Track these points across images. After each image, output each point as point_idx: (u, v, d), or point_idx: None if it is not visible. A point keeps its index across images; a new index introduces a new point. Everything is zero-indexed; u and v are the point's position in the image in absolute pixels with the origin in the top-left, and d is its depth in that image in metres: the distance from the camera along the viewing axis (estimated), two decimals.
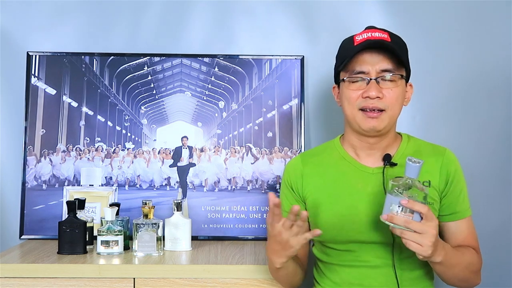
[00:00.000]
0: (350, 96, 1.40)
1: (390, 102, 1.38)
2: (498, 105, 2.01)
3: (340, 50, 1.47)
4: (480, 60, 2.01)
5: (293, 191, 1.51)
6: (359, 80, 1.39)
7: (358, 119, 1.40)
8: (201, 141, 2.03)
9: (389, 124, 1.41)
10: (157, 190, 2.00)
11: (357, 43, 1.39)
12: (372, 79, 1.37)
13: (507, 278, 1.96)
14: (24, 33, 2.05)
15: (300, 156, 1.57)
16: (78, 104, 2.02)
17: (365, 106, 1.38)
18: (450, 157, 1.46)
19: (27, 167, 1.98)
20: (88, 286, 1.56)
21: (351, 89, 1.40)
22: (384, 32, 1.41)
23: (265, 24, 2.06)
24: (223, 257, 1.68)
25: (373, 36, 1.39)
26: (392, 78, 1.38)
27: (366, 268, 1.41)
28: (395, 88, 1.39)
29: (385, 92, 1.37)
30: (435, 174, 1.43)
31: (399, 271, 1.39)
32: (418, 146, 1.49)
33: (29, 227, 1.95)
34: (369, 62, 1.38)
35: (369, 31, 1.41)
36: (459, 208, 1.44)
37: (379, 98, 1.37)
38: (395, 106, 1.39)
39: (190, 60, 2.04)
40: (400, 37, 1.45)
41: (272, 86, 2.03)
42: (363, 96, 1.38)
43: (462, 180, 1.46)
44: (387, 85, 1.38)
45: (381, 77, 1.38)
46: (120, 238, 1.70)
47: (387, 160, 1.42)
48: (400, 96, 1.40)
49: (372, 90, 1.36)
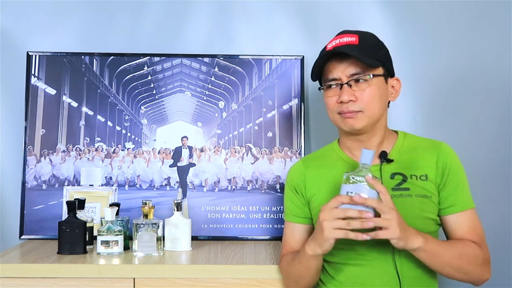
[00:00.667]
0: (328, 103, 1.46)
1: (365, 103, 1.41)
2: (498, 105, 2.01)
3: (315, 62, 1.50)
4: (480, 59, 2.01)
5: (297, 193, 1.53)
6: (333, 86, 1.44)
7: (339, 122, 1.45)
8: (201, 141, 2.03)
9: (370, 122, 1.43)
10: (157, 190, 2.00)
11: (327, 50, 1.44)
12: (344, 84, 1.41)
13: (507, 277, 1.96)
14: (24, 33, 2.05)
15: (302, 160, 1.60)
16: (78, 104, 2.02)
17: (341, 111, 1.43)
18: (446, 150, 1.47)
19: (27, 167, 1.98)
20: (88, 286, 1.56)
21: (328, 96, 1.46)
22: (353, 35, 1.43)
23: (265, 24, 2.06)
24: (223, 257, 1.68)
25: (341, 42, 1.43)
26: (363, 78, 1.41)
27: (370, 267, 1.41)
28: (369, 88, 1.41)
29: (358, 94, 1.41)
30: (431, 167, 1.44)
31: (401, 269, 1.39)
32: (414, 142, 1.51)
33: (29, 227, 1.95)
34: (338, 69, 1.42)
35: (338, 37, 1.45)
36: (458, 200, 1.43)
37: (352, 101, 1.41)
38: (372, 105, 1.42)
39: (190, 60, 2.04)
40: (372, 35, 1.47)
41: (272, 86, 2.03)
42: (338, 102, 1.43)
43: (461, 172, 1.46)
44: (360, 86, 1.41)
45: (353, 80, 1.41)
46: (120, 238, 1.70)
47: (383, 157, 1.44)
48: (377, 94, 1.42)
49: (344, 95, 1.40)
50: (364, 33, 1.46)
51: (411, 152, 1.48)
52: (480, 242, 1.42)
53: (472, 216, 1.44)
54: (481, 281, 1.43)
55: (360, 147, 1.45)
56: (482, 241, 1.43)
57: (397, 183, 1.42)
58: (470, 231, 1.43)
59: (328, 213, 1.26)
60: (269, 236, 1.94)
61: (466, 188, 1.46)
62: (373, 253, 1.40)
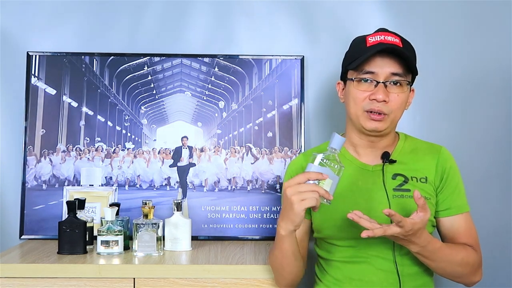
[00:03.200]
0: (356, 96, 1.42)
1: (394, 107, 1.41)
2: (499, 105, 2.01)
3: (351, 48, 1.48)
4: (480, 60, 2.01)
5: None
6: (368, 81, 1.41)
7: (362, 120, 1.42)
8: (201, 141, 2.03)
9: (390, 126, 1.44)
10: (157, 190, 2.00)
11: (370, 45, 1.41)
12: (380, 82, 1.39)
13: (507, 278, 1.96)
14: (24, 33, 2.05)
15: (302, 155, 1.61)
16: (78, 104, 2.02)
17: (371, 109, 1.40)
18: (445, 154, 1.49)
19: (27, 167, 1.98)
20: (88, 286, 1.56)
21: (358, 89, 1.42)
22: (396, 37, 1.43)
23: (265, 24, 2.06)
24: (223, 257, 1.68)
25: (386, 40, 1.41)
26: (400, 82, 1.40)
27: (367, 264, 1.42)
28: (401, 93, 1.41)
29: (391, 96, 1.40)
30: (431, 170, 1.46)
31: (400, 267, 1.40)
32: (414, 144, 1.53)
33: (29, 227, 1.95)
34: (380, 65, 1.39)
35: (382, 34, 1.43)
36: (454, 203, 1.46)
37: (385, 102, 1.39)
38: (398, 111, 1.43)
39: (190, 60, 2.04)
40: (410, 42, 1.47)
41: (272, 86, 2.03)
42: (370, 98, 1.40)
43: (458, 177, 1.49)
44: (394, 90, 1.40)
45: (389, 81, 1.40)
46: (120, 238, 1.70)
47: (386, 157, 1.46)
48: (404, 101, 1.43)
49: (380, 93, 1.38)
50: (404, 38, 1.45)
51: (412, 154, 1.49)
52: (475, 245, 1.45)
53: (467, 219, 1.47)
54: (473, 283, 1.46)
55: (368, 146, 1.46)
56: (477, 244, 1.46)
57: (398, 183, 1.43)
58: (465, 234, 1.45)
59: (295, 188, 1.23)
60: (269, 236, 1.94)
61: (462, 192, 1.49)
62: (373, 251, 1.41)
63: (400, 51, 1.38)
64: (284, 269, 1.42)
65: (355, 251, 1.43)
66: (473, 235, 1.46)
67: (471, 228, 1.47)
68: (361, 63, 1.40)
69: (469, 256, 1.41)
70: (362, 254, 1.42)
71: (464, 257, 1.39)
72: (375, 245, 1.41)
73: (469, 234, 1.46)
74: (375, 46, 1.39)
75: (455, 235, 1.45)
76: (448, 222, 1.46)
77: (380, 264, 1.41)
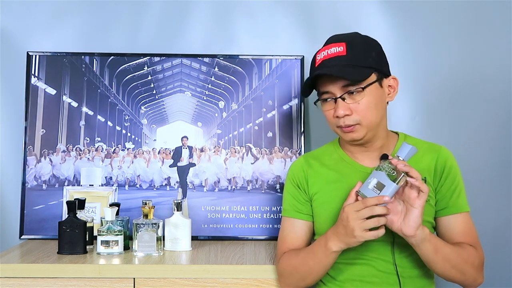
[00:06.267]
0: (326, 116, 1.45)
1: (361, 115, 1.39)
2: (498, 105, 2.01)
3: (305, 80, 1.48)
4: (480, 60, 2.01)
5: (300, 189, 1.53)
6: (328, 100, 1.43)
7: (340, 134, 1.46)
8: (201, 141, 2.03)
9: (370, 130, 1.42)
10: (157, 190, 2.00)
11: (317, 64, 1.43)
12: (338, 98, 1.39)
13: (507, 278, 1.96)
14: (24, 33, 2.05)
15: (303, 157, 1.59)
16: (78, 104, 2.02)
17: (339, 126, 1.42)
18: (445, 154, 1.48)
19: (27, 167, 1.98)
20: (88, 286, 1.56)
21: (325, 110, 1.45)
22: (340, 44, 1.40)
23: (265, 24, 2.06)
24: (223, 257, 1.68)
25: (329, 54, 1.40)
26: (356, 90, 1.38)
27: (368, 266, 1.42)
28: (363, 98, 1.39)
29: (353, 107, 1.39)
30: (430, 171, 1.46)
31: (400, 268, 1.40)
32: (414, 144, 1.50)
33: (29, 227, 1.95)
34: (331, 82, 1.40)
35: (326, 48, 1.42)
36: (452, 202, 1.44)
37: (348, 116, 1.39)
38: (368, 115, 1.40)
39: (190, 60, 2.04)
40: (361, 38, 1.43)
41: (272, 86, 2.03)
42: (334, 116, 1.42)
43: (458, 176, 1.47)
44: (355, 98, 1.39)
45: (345, 93, 1.39)
46: (120, 238, 1.70)
47: (384, 159, 1.43)
48: (372, 103, 1.40)
49: (340, 109, 1.39)
50: (352, 38, 1.42)
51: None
52: (475, 245, 1.43)
53: (467, 219, 1.46)
54: (476, 284, 1.43)
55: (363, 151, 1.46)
56: (478, 244, 1.45)
57: None
58: (465, 234, 1.44)
59: (356, 214, 1.26)
60: (269, 236, 1.94)
61: (463, 192, 1.47)
62: (373, 253, 1.41)
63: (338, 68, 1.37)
64: (313, 278, 1.43)
65: (356, 253, 1.42)
66: (472, 234, 1.45)
67: (470, 228, 1.45)
68: (318, 83, 1.43)
69: (465, 248, 1.39)
70: (362, 255, 1.42)
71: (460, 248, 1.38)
72: (375, 247, 1.41)
73: (468, 234, 1.44)
74: (318, 67, 1.42)
75: (453, 234, 1.43)
76: (447, 221, 1.44)
77: (380, 266, 1.41)
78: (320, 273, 1.41)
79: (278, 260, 1.50)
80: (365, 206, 1.26)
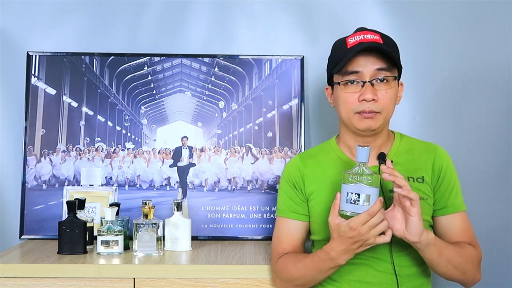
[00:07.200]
0: (346, 100, 1.42)
1: (385, 104, 1.40)
2: (498, 105, 2.01)
3: (333, 52, 1.48)
4: (480, 60, 2.01)
5: (296, 189, 1.52)
6: (354, 83, 1.41)
7: (354, 121, 1.42)
8: (201, 141, 2.03)
9: (383, 123, 1.44)
10: (157, 190, 2.00)
11: (350, 46, 1.41)
12: (367, 82, 1.39)
13: (507, 277, 1.96)
14: (24, 33, 2.05)
15: (299, 157, 1.58)
16: (78, 104, 2.02)
17: (363, 110, 1.40)
18: (441, 153, 1.49)
19: (27, 167, 1.98)
20: (88, 286, 1.56)
21: (346, 92, 1.42)
22: (375, 34, 1.42)
23: (265, 24, 2.06)
24: (223, 257, 1.68)
25: (366, 39, 1.40)
26: (386, 78, 1.40)
27: (366, 266, 1.42)
28: (389, 89, 1.40)
29: (379, 94, 1.39)
30: (427, 170, 1.46)
31: (398, 267, 1.40)
32: (410, 144, 1.52)
33: (29, 227, 1.95)
34: (363, 64, 1.39)
35: (361, 33, 1.42)
36: (451, 202, 1.45)
37: (374, 101, 1.39)
38: (389, 107, 1.42)
39: (190, 60, 2.05)
40: (390, 37, 1.47)
41: (272, 86, 2.03)
42: (359, 99, 1.39)
43: (454, 176, 1.48)
44: (381, 87, 1.40)
45: (375, 79, 1.39)
46: (120, 238, 1.70)
47: (382, 158, 1.45)
48: (394, 96, 1.43)
49: (368, 93, 1.38)
50: (384, 34, 1.45)
51: (408, 154, 1.49)
52: (474, 243, 1.45)
53: (464, 218, 1.48)
54: (475, 282, 1.45)
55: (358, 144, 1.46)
56: (475, 242, 1.46)
57: None
58: (463, 233, 1.45)
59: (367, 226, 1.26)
60: (269, 236, 1.94)
61: (459, 191, 1.48)
62: (371, 253, 1.41)
63: (381, 47, 1.38)
64: (313, 284, 1.44)
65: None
66: (470, 233, 1.47)
67: (468, 226, 1.47)
68: (345, 65, 1.40)
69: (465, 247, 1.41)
70: (360, 255, 1.41)
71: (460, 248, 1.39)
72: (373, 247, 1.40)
73: (467, 232, 1.46)
74: (356, 46, 1.39)
75: (452, 234, 1.45)
76: (444, 221, 1.46)
77: (378, 265, 1.41)
78: (323, 278, 1.42)
79: (275, 262, 1.49)
80: (371, 216, 1.25)
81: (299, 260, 1.43)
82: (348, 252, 1.31)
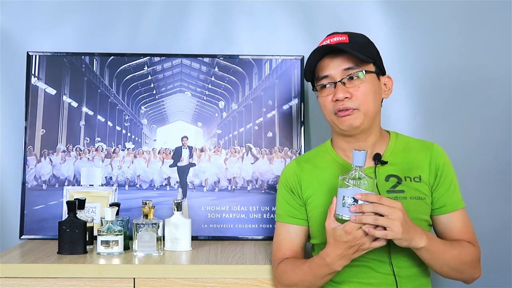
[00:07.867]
0: (324, 104, 1.46)
1: (360, 99, 1.41)
2: (498, 105, 2.01)
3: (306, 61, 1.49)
4: (480, 60, 2.02)
5: (294, 194, 1.52)
6: (327, 86, 1.44)
7: (337, 123, 1.44)
8: (201, 141, 2.03)
9: (366, 120, 1.43)
10: (157, 190, 2.00)
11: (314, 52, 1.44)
12: (338, 82, 1.41)
13: (507, 277, 1.96)
14: (24, 33, 2.05)
15: (295, 161, 1.58)
16: (78, 104, 2.02)
17: (337, 109, 1.42)
18: (438, 151, 1.48)
19: (27, 167, 1.98)
20: (88, 286, 1.56)
21: (322, 96, 1.45)
22: (343, 35, 1.44)
23: (265, 24, 2.06)
24: (223, 257, 1.68)
25: (332, 42, 1.44)
26: (354, 75, 1.41)
27: (365, 267, 1.42)
28: (363, 84, 1.41)
29: (352, 91, 1.41)
30: (424, 169, 1.45)
31: (397, 268, 1.40)
32: (406, 143, 1.51)
33: (29, 227, 1.95)
34: (331, 66, 1.42)
35: (328, 38, 1.46)
36: (450, 200, 1.45)
37: (348, 99, 1.41)
38: (366, 102, 1.42)
39: (190, 60, 2.05)
40: (362, 34, 1.48)
41: (272, 86, 2.03)
42: (333, 100, 1.42)
43: (452, 173, 1.48)
44: (354, 83, 1.41)
45: (347, 77, 1.41)
46: (120, 238, 1.70)
47: (377, 159, 1.44)
48: (371, 90, 1.42)
49: (339, 92, 1.40)
50: (354, 33, 1.47)
51: (404, 153, 1.48)
52: (473, 241, 1.45)
53: (463, 216, 1.47)
54: (473, 279, 1.46)
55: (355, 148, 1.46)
56: (475, 240, 1.46)
57: (392, 185, 1.43)
58: (463, 231, 1.45)
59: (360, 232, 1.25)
60: (269, 236, 1.94)
61: (457, 188, 1.48)
62: (369, 254, 1.40)
63: (342, 47, 1.40)
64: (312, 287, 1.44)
65: None
66: (470, 230, 1.46)
67: (467, 224, 1.46)
68: (316, 71, 1.45)
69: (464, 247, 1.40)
70: (359, 258, 1.41)
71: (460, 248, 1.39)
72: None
73: (466, 230, 1.45)
74: (316, 51, 1.43)
75: (452, 232, 1.44)
76: (444, 220, 1.45)
77: (378, 267, 1.41)
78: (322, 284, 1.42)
79: (275, 268, 1.50)
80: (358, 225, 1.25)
81: (297, 266, 1.43)
82: (344, 257, 1.31)
